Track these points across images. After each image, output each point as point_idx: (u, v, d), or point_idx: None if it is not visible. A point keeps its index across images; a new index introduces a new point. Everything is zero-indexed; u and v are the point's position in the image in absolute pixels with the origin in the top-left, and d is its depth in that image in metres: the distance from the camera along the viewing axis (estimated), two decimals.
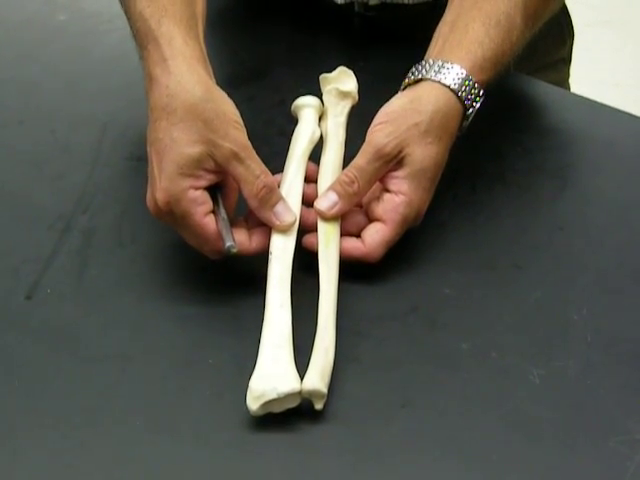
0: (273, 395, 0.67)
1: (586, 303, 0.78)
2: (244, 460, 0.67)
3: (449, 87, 0.79)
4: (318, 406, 0.68)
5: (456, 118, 0.79)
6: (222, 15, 1.09)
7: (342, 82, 0.86)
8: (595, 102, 0.99)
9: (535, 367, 0.73)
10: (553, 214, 0.86)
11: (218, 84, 0.79)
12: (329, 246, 0.76)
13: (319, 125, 0.84)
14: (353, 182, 0.77)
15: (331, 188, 0.78)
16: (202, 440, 0.68)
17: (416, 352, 0.74)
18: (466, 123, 0.79)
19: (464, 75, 0.79)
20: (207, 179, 0.74)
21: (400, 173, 0.77)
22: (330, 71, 0.87)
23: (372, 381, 0.72)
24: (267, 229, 0.77)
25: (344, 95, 0.85)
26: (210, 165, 0.74)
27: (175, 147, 0.73)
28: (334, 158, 0.81)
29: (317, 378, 0.68)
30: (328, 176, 0.80)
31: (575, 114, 0.97)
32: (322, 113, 0.85)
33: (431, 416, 0.70)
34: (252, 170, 0.75)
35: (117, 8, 0.87)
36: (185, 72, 0.76)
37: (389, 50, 1.01)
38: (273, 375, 0.68)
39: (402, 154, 0.77)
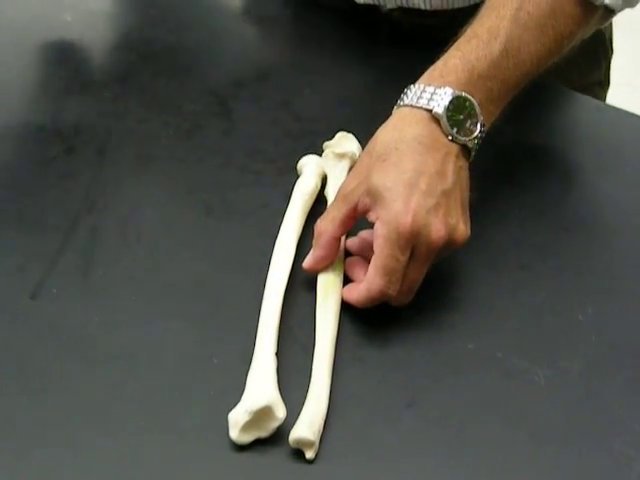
0: (246, 417, 0.66)
1: (591, 304, 0.78)
2: (248, 459, 0.67)
3: (401, 103, 0.78)
4: (309, 455, 0.67)
5: (412, 117, 0.77)
6: (228, 15, 1.09)
7: (340, 145, 0.87)
8: (602, 103, 0.99)
9: (540, 368, 0.73)
10: (559, 215, 0.86)
11: (226, 83, 0.79)
12: (327, 299, 0.76)
13: (325, 189, 0.85)
14: (318, 224, 0.78)
15: None
16: (206, 440, 0.68)
17: (421, 353, 0.74)
18: (440, 114, 0.76)
19: (413, 87, 0.78)
20: None
21: (370, 202, 0.75)
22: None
23: (377, 381, 0.72)
24: None
25: (341, 156, 0.86)
26: None
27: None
28: None
29: (304, 426, 0.67)
30: None
31: (582, 115, 0.97)
32: (325, 170, 0.86)
33: (436, 416, 0.70)
34: None
35: (123, 8, 0.87)
36: None
37: (399, 51, 1.01)
38: (245, 399, 0.68)
39: (366, 186, 0.75)
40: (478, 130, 0.77)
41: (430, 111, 0.76)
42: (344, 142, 0.87)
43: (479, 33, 0.80)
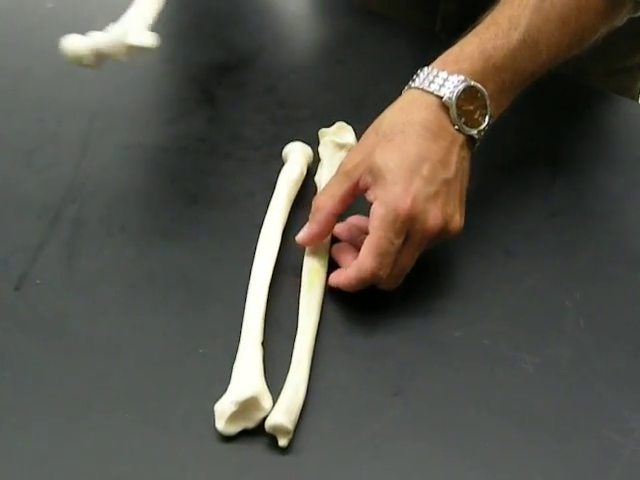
0: (232, 408, 0.66)
1: (579, 289, 0.78)
2: (234, 450, 0.66)
3: (410, 85, 0.78)
4: (282, 443, 0.66)
5: (421, 101, 0.76)
6: (213, 2, 1.08)
7: (339, 136, 0.86)
8: (589, 86, 0.98)
9: (528, 354, 0.73)
10: (546, 200, 0.86)
11: (209, 70, 0.78)
12: (312, 288, 0.75)
13: (315, 176, 0.85)
14: (316, 199, 0.77)
15: None
16: (192, 431, 0.67)
17: (408, 340, 0.74)
18: (450, 102, 0.75)
19: (426, 69, 0.77)
20: None
21: (371, 180, 0.74)
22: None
23: (364, 370, 0.72)
24: None
25: (341, 147, 0.85)
26: None
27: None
28: None
29: (280, 413, 0.66)
30: None
31: (569, 100, 0.97)
32: (311, 158, 0.85)
33: (424, 404, 0.70)
34: None
35: None
36: None
37: (389, 40, 1.01)
38: (231, 390, 0.68)
39: (368, 164, 0.74)
40: (486, 122, 0.77)
41: (441, 98, 0.75)
42: (343, 133, 0.86)
43: (499, 21, 0.78)
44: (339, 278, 0.75)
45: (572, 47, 0.81)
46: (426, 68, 0.77)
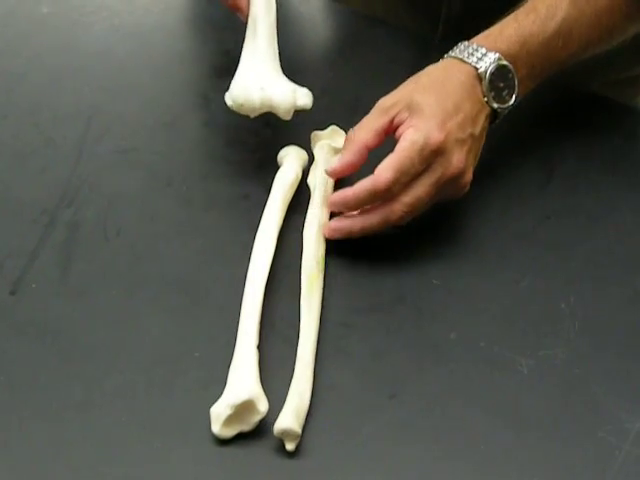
0: (227, 412, 0.66)
1: (573, 292, 0.78)
2: (231, 454, 0.67)
3: (451, 54, 0.82)
4: (289, 446, 0.66)
5: (459, 67, 0.80)
6: (207, 6, 1.08)
7: (334, 140, 0.87)
8: (580, 89, 0.98)
9: (523, 356, 0.73)
10: (540, 202, 0.86)
11: (205, 74, 0.79)
12: (312, 292, 0.75)
13: (308, 178, 0.85)
14: (351, 132, 0.80)
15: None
16: (188, 434, 0.67)
17: (403, 343, 0.74)
18: (485, 75, 0.79)
19: (466, 42, 0.81)
20: None
21: (407, 115, 0.77)
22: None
23: (359, 372, 0.72)
24: None
25: (336, 151, 0.85)
26: None
27: None
28: (321, 210, 0.81)
29: (290, 417, 0.66)
30: (314, 228, 0.79)
31: (563, 102, 0.97)
32: (306, 162, 0.86)
33: (419, 407, 0.70)
34: None
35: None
36: None
37: (380, 44, 1.01)
38: (227, 394, 0.68)
39: (407, 101, 0.77)
40: (512, 101, 0.81)
41: (477, 69, 0.79)
42: (337, 137, 0.87)
43: (538, 8, 0.83)
44: (345, 193, 0.77)
45: (602, 42, 0.86)
46: (466, 42, 0.82)
